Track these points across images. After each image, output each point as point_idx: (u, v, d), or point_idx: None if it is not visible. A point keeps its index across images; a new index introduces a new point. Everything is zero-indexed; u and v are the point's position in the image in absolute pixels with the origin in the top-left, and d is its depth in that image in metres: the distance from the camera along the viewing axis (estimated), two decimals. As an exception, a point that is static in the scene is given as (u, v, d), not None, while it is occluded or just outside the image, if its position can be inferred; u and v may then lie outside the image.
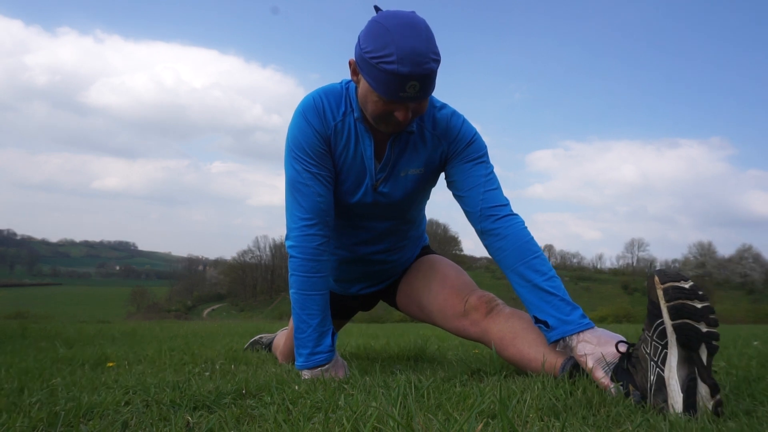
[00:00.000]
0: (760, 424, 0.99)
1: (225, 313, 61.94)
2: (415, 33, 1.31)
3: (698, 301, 1.10)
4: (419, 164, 1.60)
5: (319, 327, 1.55)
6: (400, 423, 0.88)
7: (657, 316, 1.14)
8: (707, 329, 1.09)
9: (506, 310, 1.58)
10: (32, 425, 1.03)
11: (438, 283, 1.74)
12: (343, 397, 1.17)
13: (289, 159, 1.56)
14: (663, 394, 1.10)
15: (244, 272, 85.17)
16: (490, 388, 1.24)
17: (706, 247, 73.07)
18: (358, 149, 1.56)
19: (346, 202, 1.63)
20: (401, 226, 1.76)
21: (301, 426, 0.94)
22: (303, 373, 1.56)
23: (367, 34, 1.36)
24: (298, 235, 1.55)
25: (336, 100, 1.55)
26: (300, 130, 1.53)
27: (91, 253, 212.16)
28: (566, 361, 1.36)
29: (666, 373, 1.11)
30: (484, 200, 1.55)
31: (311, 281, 1.55)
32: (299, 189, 1.54)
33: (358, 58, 1.39)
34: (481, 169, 1.58)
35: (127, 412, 1.11)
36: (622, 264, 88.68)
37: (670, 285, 1.12)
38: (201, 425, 1.02)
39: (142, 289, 76.92)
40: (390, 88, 1.34)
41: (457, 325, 1.65)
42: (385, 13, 1.38)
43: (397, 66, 1.30)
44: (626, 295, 67.33)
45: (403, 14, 1.36)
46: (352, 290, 1.91)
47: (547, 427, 0.94)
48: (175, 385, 1.36)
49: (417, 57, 1.30)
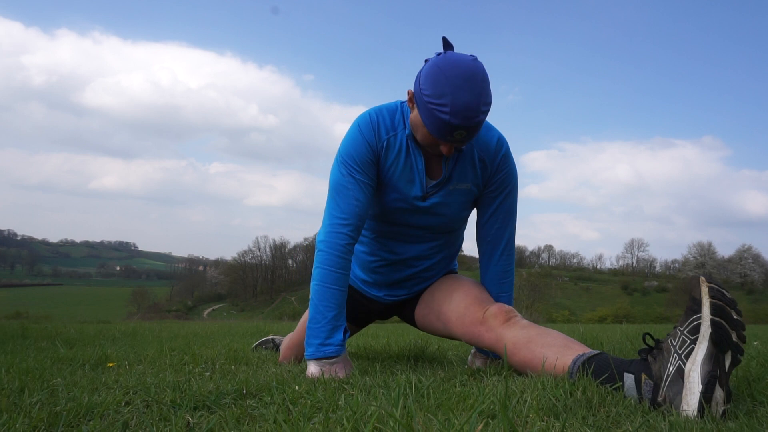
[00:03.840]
0: (760, 424, 0.99)
1: (225, 314, 61.91)
2: (471, 86, 1.42)
3: (735, 313, 1.14)
4: (467, 180, 1.71)
5: (334, 320, 1.60)
6: (400, 423, 0.88)
7: (695, 311, 1.16)
8: (737, 340, 1.12)
9: (523, 321, 1.59)
10: (33, 425, 1.03)
11: (461, 294, 1.78)
12: (344, 397, 1.17)
13: (337, 164, 1.67)
14: (678, 387, 1.11)
15: (244, 272, 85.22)
16: (490, 388, 1.24)
17: (706, 247, 73.12)
18: (408, 162, 1.67)
19: (393, 209, 1.72)
20: (440, 234, 1.82)
21: (301, 426, 0.94)
22: (309, 365, 1.60)
23: (428, 77, 1.46)
24: (330, 231, 1.64)
25: (391, 116, 1.68)
26: (353, 141, 1.66)
27: (91, 254, 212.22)
28: (577, 357, 1.35)
29: (688, 366, 1.12)
30: (495, 233, 1.77)
31: (334, 276, 1.62)
32: (340, 191, 1.65)
33: (417, 94, 1.50)
34: (505, 205, 1.76)
35: (128, 413, 1.11)
36: (621, 264, 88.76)
37: (715, 286, 1.15)
38: (201, 425, 1.02)
39: (142, 290, 76.96)
40: (440, 132, 1.47)
41: (473, 331, 1.66)
42: (448, 58, 1.45)
43: (449, 117, 1.43)
44: (626, 295, 67.32)
45: (464, 63, 1.44)
46: (379, 294, 1.94)
47: (547, 427, 0.94)
48: (175, 386, 1.36)
49: (468, 112, 1.42)
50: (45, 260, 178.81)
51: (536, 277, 64.82)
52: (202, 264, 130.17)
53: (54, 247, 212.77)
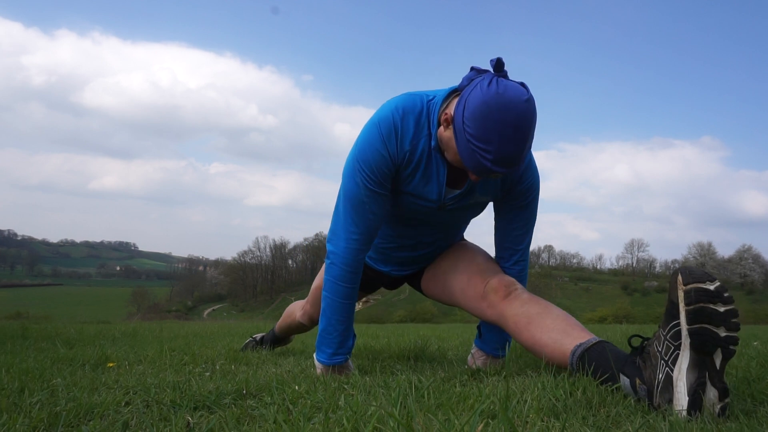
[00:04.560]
0: (760, 424, 0.99)
1: (225, 314, 61.95)
2: (520, 136, 1.32)
3: (722, 304, 1.07)
4: (488, 193, 1.65)
5: (345, 332, 1.67)
6: (400, 423, 0.88)
7: (674, 316, 1.12)
8: (726, 333, 1.06)
9: (524, 295, 1.58)
10: (33, 425, 1.03)
11: (465, 263, 1.77)
12: (344, 398, 1.17)
13: (351, 170, 1.55)
14: (669, 394, 1.10)
15: (244, 272, 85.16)
16: (490, 389, 1.24)
17: (706, 247, 73.11)
18: (428, 171, 1.57)
19: (407, 210, 1.67)
20: (451, 231, 1.82)
21: (301, 426, 0.94)
22: (317, 365, 1.71)
23: (474, 114, 1.33)
24: (345, 246, 1.60)
25: (415, 120, 1.52)
26: (372, 148, 1.52)
27: (91, 254, 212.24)
28: (576, 347, 1.34)
29: (675, 374, 1.10)
30: (513, 239, 1.73)
31: (348, 290, 1.64)
32: (355, 205, 1.57)
33: (458, 126, 1.38)
34: (526, 213, 1.70)
35: (128, 413, 1.11)
36: (621, 264, 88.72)
37: (693, 287, 1.08)
38: (201, 425, 1.02)
39: (142, 290, 77.03)
40: (477, 171, 1.39)
41: (476, 306, 1.67)
42: (501, 97, 1.30)
43: (491, 165, 1.35)
44: (626, 295, 67.30)
45: (517, 106, 1.30)
46: (385, 269, 1.94)
47: (547, 427, 0.94)
48: (175, 386, 1.36)
49: (512, 160, 1.35)
50: (45, 260, 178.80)
51: (536, 277, 64.93)
52: (202, 264, 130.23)
53: (54, 248, 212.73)
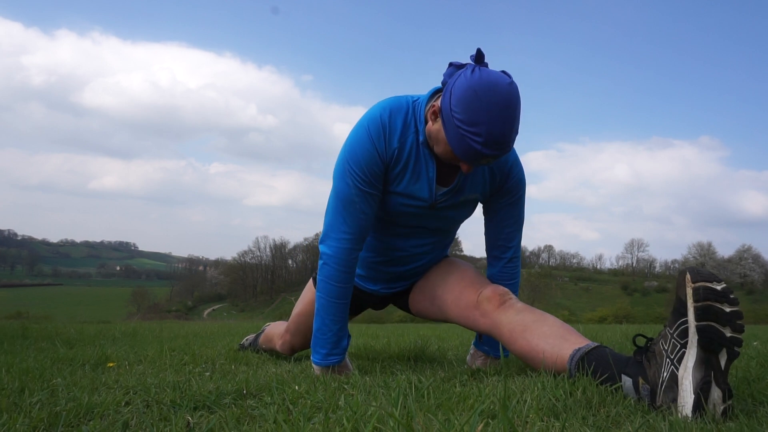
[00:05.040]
0: (760, 424, 0.99)
1: (225, 314, 61.96)
2: (507, 116, 1.35)
3: (728, 305, 1.08)
4: (477, 191, 1.67)
5: (339, 332, 1.66)
6: (400, 423, 0.88)
7: (682, 314, 1.12)
8: (731, 334, 1.07)
9: (518, 304, 1.58)
10: (33, 425, 1.03)
11: (455, 276, 1.77)
12: (344, 398, 1.17)
13: (342, 171, 1.58)
14: (673, 393, 1.10)
15: (244, 272, 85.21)
16: (490, 389, 1.24)
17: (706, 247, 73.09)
18: (417, 169, 1.59)
19: (397, 212, 1.67)
20: (440, 235, 1.82)
21: (301, 426, 0.94)
22: (314, 367, 1.69)
23: (461, 99, 1.36)
24: (337, 246, 1.61)
25: (402, 119, 1.56)
26: (362, 148, 1.55)
27: (91, 254, 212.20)
28: (575, 351, 1.34)
29: (681, 373, 1.09)
30: (505, 236, 1.76)
31: (340, 290, 1.64)
32: (346, 204, 1.58)
33: (446, 113, 1.40)
34: (515, 210, 1.74)
35: (128, 413, 1.11)
36: (621, 264, 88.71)
37: (701, 285, 1.09)
38: (201, 425, 1.02)
39: (142, 290, 76.97)
40: (468, 157, 1.41)
41: (469, 315, 1.66)
42: (485, 81, 1.35)
43: (481, 147, 1.37)
44: (626, 295, 67.32)
45: (501, 89, 1.34)
46: (374, 288, 1.94)
47: (547, 427, 0.94)
48: (175, 386, 1.36)
49: (502, 141, 1.37)
50: (45, 260, 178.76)
51: (536, 277, 64.91)
52: (202, 264, 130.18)
53: (54, 247, 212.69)
